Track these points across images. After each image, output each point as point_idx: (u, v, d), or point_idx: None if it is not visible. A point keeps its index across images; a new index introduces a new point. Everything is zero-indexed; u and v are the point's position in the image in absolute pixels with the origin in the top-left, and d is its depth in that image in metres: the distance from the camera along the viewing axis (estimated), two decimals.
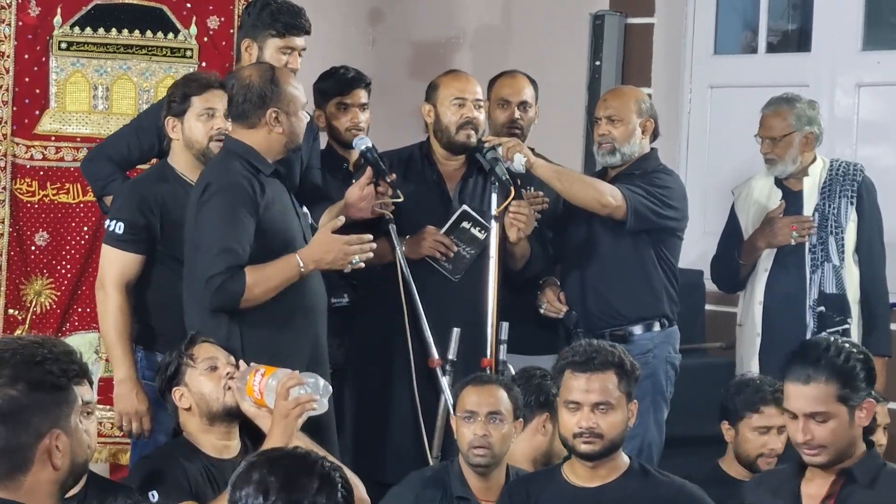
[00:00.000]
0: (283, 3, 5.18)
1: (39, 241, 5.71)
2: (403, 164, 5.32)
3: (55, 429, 2.61)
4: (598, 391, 3.93)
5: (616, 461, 3.99)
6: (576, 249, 5.45)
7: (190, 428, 4.35)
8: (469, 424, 4.36)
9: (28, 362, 2.61)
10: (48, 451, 2.60)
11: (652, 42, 7.15)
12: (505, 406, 4.39)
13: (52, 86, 5.70)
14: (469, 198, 5.25)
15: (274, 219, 4.54)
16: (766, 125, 5.64)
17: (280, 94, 4.57)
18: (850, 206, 5.60)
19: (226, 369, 4.32)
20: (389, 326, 5.04)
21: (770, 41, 7.05)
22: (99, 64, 5.77)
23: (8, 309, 5.68)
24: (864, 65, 6.66)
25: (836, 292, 5.53)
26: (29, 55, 5.66)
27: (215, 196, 4.47)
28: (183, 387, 4.32)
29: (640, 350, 5.35)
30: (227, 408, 4.31)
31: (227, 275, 4.40)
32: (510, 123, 5.66)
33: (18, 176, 5.66)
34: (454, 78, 5.36)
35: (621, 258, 5.40)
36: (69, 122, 5.72)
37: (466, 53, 7.42)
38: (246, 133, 4.57)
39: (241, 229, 4.44)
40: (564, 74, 7.09)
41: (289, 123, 4.58)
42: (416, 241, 5.14)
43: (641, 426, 5.31)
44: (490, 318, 4.99)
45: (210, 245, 4.43)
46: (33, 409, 2.59)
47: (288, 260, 4.48)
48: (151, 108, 5.24)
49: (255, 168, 4.53)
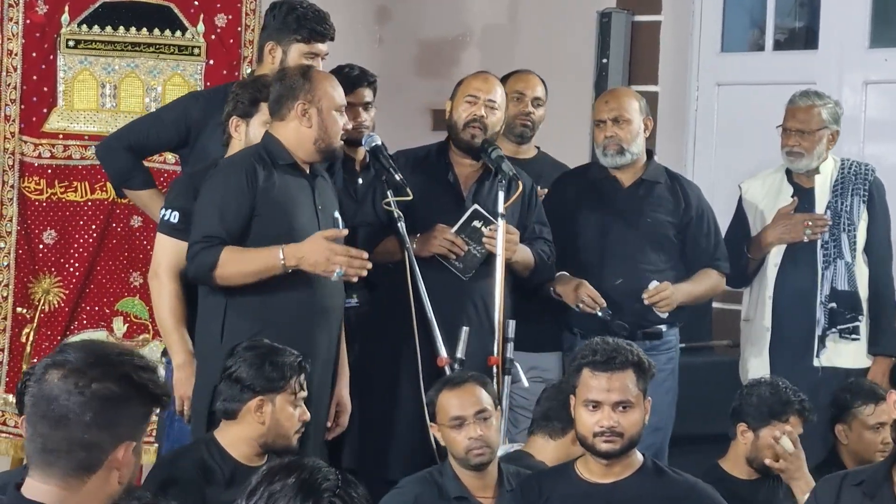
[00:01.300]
0: (310, 8, 5.18)
1: (47, 239, 5.71)
2: (419, 163, 5.31)
3: (132, 441, 2.60)
4: (618, 390, 3.94)
5: (630, 458, 4.00)
6: (610, 252, 5.45)
7: (239, 434, 4.30)
8: (460, 430, 4.36)
9: (136, 366, 2.60)
10: (118, 463, 2.58)
11: (659, 40, 7.15)
12: (487, 401, 4.41)
13: (60, 84, 5.70)
14: (483, 200, 5.22)
15: (275, 207, 4.53)
16: (798, 118, 5.61)
17: (312, 88, 4.60)
18: (862, 205, 5.61)
19: (305, 414, 4.33)
20: (398, 325, 5.03)
21: (777, 39, 7.05)
22: (107, 62, 5.77)
23: (16, 307, 5.68)
24: (872, 62, 6.66)
25: (849, 289, 5.54)
26: (37, 53, 5.67)
27: (216, 174, 4.57)
28: (268, 403, 4.29)
29: (668, 347, 5.48)
30: (288, 449, 4.30)
31: (204, 244, 4.45)
32: (523, 116, 5.70)
33: (26, 174, 5.66)
34: (475, 77, 5.36)
35: (660, 264, 5.46)
36: (77, 121, 5.72)
37: (473, 51, 7.42)
38: (278, 127, 4.63)
39: (228, 203, 4.49)
40: (571, 72, 7.10)
41: (319, 120, 4.60)
42: (426, 239, 5.13)
43: (665, 419, 5.36)
44: (497, 316, 4.99)
45: (198, 217, 4.52)
46: (125, 411, 2.58)
47: (271, 250, 4.48)
48: (175, 104, 5.29)
49: (271, 157, 4.57)
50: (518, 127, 5.71)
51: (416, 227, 5.11)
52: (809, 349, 5.55)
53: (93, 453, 2.55)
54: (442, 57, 7.27)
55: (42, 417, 2.55)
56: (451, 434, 4.38)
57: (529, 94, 5.76)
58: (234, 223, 4.50)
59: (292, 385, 4.28)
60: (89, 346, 2.63)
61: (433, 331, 4.89)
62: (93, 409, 2.53)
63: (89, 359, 2.56)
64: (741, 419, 4.78)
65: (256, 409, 4.25)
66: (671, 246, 5.50)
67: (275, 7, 5.22)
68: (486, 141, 5.22)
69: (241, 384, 4.27)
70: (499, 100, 5.29)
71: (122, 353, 2.61)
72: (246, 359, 4.29)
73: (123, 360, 2.59)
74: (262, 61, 5.19)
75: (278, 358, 4.29)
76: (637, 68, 7.17)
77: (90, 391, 2.53)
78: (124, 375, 2.57)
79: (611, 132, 5.43)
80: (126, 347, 2.67)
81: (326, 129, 4.61)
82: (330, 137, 4.63)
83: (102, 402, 2.54)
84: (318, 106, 4.60)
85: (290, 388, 4.27)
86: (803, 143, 5.59)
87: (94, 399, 2.53)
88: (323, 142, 4.63)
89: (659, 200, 5.52)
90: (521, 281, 5.31)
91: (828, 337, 5.54)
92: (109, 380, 2.55)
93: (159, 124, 5.16)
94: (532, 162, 5.76)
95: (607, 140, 5.45)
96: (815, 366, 5.51)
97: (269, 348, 4.33)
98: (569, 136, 6.77)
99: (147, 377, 2.60)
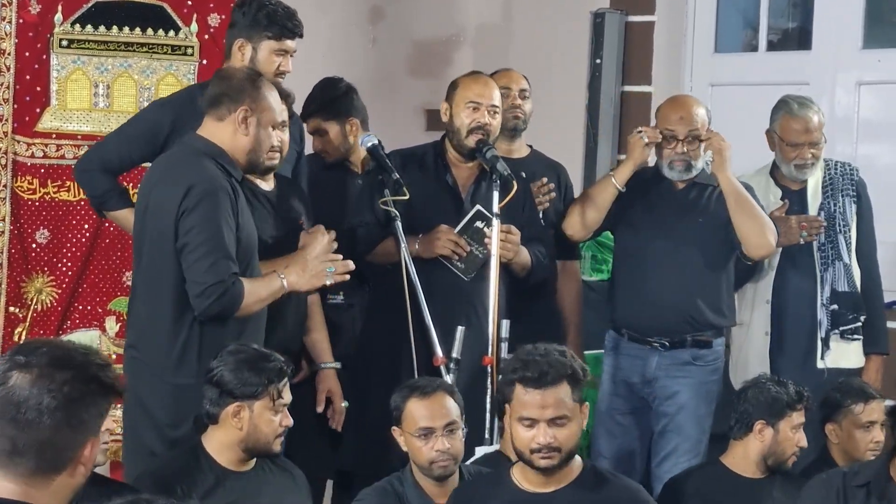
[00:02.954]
0: (279, 5, 5.15)
1: (40, 238, 5.70)
2: (415, 164, 5.29)
3: (96, 437, 2.63)
4: (553, 406, 3.77)
5: (570, 467, 3.87)
6: (656, 255, 5.42)
7: (220, 439, 4.31)
8: (426, 441, 4.33)
9: (100, 365, 2.63)
10: (85, 459, 2.61)
11: (652, 40, 7.15)
12: (456, 413, 4.37)
13: (53, 83, 5.69)
14: (482, 201, 5.21)
15: (244, 227, 4.48)
16: (810, 128, 5.56)
17: (258, 98, 4.51)
18: (853, 205, 5.61)
19: (287, 420, 4.31)
20: (394, 324, 5.04)
21: (771, 39, 7.05)
22: (100, 61, 5.76)
23: (9, 307, 5.67)
24: (865, 63, 6.66)
25: (849, 290, 5.54)
26: (30, 53, 5.65)
27: (204, 201, 4.37)
28: (246, 409, 4.28)
29: (715, 356, 5.47)
30: (269, 454, 4.33)
31: (230, 282, 4.34)
32: (512, 109, 5.69)
33: (19, 174, 5.65)
34: (474, 80, 5.32)
35: (708, 266, 5.43)
36: (70, 120, 5.71)
37: (467, 52, 7.42)
38: (214, 126, 4.50)
39: (231, 235, 4.39)
40: (565, 72, 7.10)
41: (256, 131, 4.50)
42: (429, 240, 5.13)
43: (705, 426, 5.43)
44: (491, 316, 4.98)
45: (207, 251, 4.34)
46: (92, 410, 2.60)
47: (272, 279, 4.48)
48: (141, 117, 5.16)
49: (228, 172, 4.47)
50: (510, 120, 5.69)
51: (415, 228, 5.11)
52: (812, 352, 5.55)
53: (63, 453, 2.58)
54: (436, 57, 7.26)
55: (10, 420, 2.56)
56: (416, 443, 4.35)
57: (515, 87, 5.74)
58: (232, 251, 4.41)
59: (271, 392, 4.25)
60: (52, 349, 2.64)
61: (429, 330, 4.89)
62: (65, 410, 2.56)
63: (57, 362, 2.59)
64: (758, 417, 4.75)
65: (234, 414, 4.24)
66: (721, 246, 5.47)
67: (244, 4, 5.16)
68: (480, 141, 5.21)
69: (220, 388, 4.26)
70: (499, 103, 5.30)
71: (86, 354, 2.64)
72: (228, 363, 4.27)
73: (89, 361, 2.62)
74: (230, 58, 5.12)
75: (260, 363, 4.27)
76: (630, 68, 7.17)
77: (62, 394, 2.56)
78: (93, 377, 2.61)
79: (683, 150, 5.39)
80: (84, 346, 2.68)
81: (261, 142, 4.52)
82: (262, 152, 4.54)
83: (73, 404, 2.57)
84: (260, 117, 4.51)
85: (268, 394, 4.25)
86: (816, 153, 5.58)
87: (67, 401, 2.56)
88: (255, 153, 4.53)
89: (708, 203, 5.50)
90: (517, 282, 5.31)
91: (831, 339, 5.54)
92: (79, 381, 2.58)
93: (129, 141, 5.02)
94: (525, 161, 5.75)
95: (679, 156, 5.41)
96: (820, 368, 5.51)
97: (252, 354, 4.30)
98: (562, 136, 6.77)
99: (112, 376, 2.65)
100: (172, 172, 4.48)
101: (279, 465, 4.48)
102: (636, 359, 5.45)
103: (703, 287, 5.41)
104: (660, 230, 5.42)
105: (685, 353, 5.40)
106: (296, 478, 4.52)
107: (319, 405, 5.09)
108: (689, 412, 5.40)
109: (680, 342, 5.39)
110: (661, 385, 5.41)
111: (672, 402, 5.41)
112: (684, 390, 5.40)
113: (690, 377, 5.40)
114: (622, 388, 5.45)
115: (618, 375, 5.47)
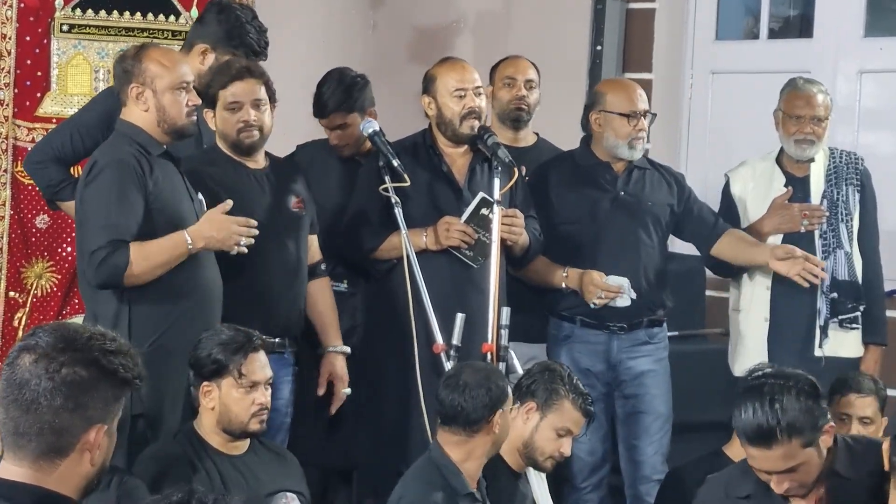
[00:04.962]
0: (254, 23, 5.13)
1: (40, 223, 5.70)
2: (409, 154, 5.25)
3: (104, 424, 2.61)
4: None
5: None
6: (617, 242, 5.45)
7: (204, 422, 4.35)
8: None
9: (105, 350, 2.61)
10: (90, 445, 2.59)
11: (653, 27, 7.14)
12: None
13: (54, 68, 5.69)
14: (480, 187, 5.20)
15: (163, 200, 4.49)
16: (812, 104, 5.57)
17: (142, 69, 4.54)
18: (856, 194, 5.60)
19: (263, 397, 4.31)
20: (395, 312, 5.04)
21: (772, 27, 7.04)
22: (100, 46, 5.76)
23: (9, 292, 5.67)
24: (867, 51, 6.66)
25: (849, 279, 5.53)
26: (30, 37, 5.65)
27: (101, 173, 4.45)
28: (215, 388, 4.31)
29: (664, 333, 5.54)
30: (246, 433, 4.34)
31: (110, 248, 4.37)
32: (517, 100, 5.67)
33: (20, 158, 5.64)
34: (451, 68, 5.29)
35: (660, 250, 5.52)
36: (70, 105, 5.69)
37: (467, 38, 7.40)
38: (126, 109, 4.58)
39: (126, 205, 4.41)
40: (565, 59, 7.08)
41: (155, 101, 4.53)
42: (438, 233, 5.11)
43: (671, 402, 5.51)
44: (492, 303, 4.97)
45: (94, 221, 4.43)
46: (95, 395, 2.59)
47: (175, 237, 4.45)
48: (94, 104, 5.13)
49: (144, 148, 4.51)
50: (513, 112, 5.68)
51: (416, 219, 5.09)
52: (810, 340, 5.53)
53: (63, 437, 2.57)
54: (436, 43, 7.25)
55: (13, 402, 2.57)
56: None
57: (520, 77, 5.72)
58: (133, 222, 4.43)
59: (232, 369, 4.28)
60: (60, 330, 2.64)
61: (429, 318, 4.88)
62: (62, 393, 2.55)
63: (59, 343, 2.58)
64: None
65: (205, 394, 4.30)
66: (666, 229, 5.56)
67: (222, 10, 5.13)
68: (482, 128, 5.21)
69: (193, 370, 4.33)
70: (480, 82, 5.29)
71: (91, 337, 2.62)
72: (198, 345, 4.33)
73: (92, 345, 2.61)
74: (188, 53, 5.08)
75: (224, 342, 4.30)
76: (631, 56, 7.17)
77: (59, 376, 2.55)
78: (93, 360, 2.59)
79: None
80: (98, 330, 2.66)
81: (165, 109, 4.54)
82: (171, 118, 4.56)
83: (71, 387, 2.56)
84: (153, 87, 4.53)
85: (231, 372, 4.27)
86: (818, 130, 5.57)
87: (63, 384, 2.56)
88: (166, 123, 4.56)
89: (654, 185, 5.56)
90: (514, 262, 5.30)
91: (829, 327, 5.53)
92: (78, 364, 2.57)
93: (82, 129, 4.99)
94: (532, 149, 5.75)
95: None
96: (818, 356, 5.50)
97: (220, 333, 4.35)
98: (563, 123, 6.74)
99: (118, 361, 2.62)
100: (92, 155, 4.61)
101: (271, 449, 4.50)
102: (596, 345, 5.45)
103: (655, 267, 5.48)
104: (610, 215, 5.46)
105: (641, 332, 5.46)
106: (288, 462, 4.53)
107: (320, 388, 5.09)
108: (656, 390, 5.47)
109: (637, 323, 5.43)
110: (626, 367, 5.45)
111: (638, 382, 5.45)
112: (648, 369, 5.46)
113: (650, 356, 5.47)
114: (584, 377, 5.21)
115: (578, 365, 5.35)
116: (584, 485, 5.47)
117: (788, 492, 3.59)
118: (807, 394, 3.58)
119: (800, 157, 5.60)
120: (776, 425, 3.49)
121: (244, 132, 4.86)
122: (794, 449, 3.54)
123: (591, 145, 5.57)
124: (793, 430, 3.51)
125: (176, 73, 4.56)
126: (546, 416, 4.46)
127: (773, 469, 3.56)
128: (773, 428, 3.49)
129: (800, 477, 3.56)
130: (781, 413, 3.50)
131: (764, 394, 3.54)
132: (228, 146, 4.90)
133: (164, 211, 4.49)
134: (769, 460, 3.55)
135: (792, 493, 3.61)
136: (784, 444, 3.53)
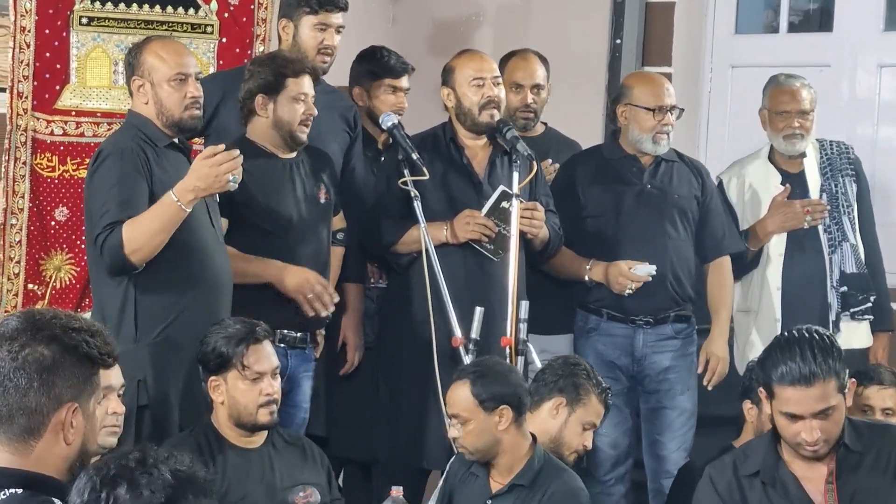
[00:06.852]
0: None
1: (59, 216, 5.71)
2: (429, 147, 5.25)
3: (74, 402, 2.63)
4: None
5: None
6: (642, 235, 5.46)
7: (219, 416, 4.37)
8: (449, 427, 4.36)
9: (66, 327, 2.64)
10: (62, 425, 2.61)
11: (673, 21, 7.13)
12: (462, 407, 4.26)
13: (73, 61, 5.69)
14: (500, 180, 5.20)
15: (168, 188, 4.46)
16: (798, 98, 5.59)
17: (141, 62, 4.58)
18: (853, 185, 5.61)
19: (270, 388, 4.31)
20: (414, 305, 5.05)
21: (792, 21, 7.02)
22: (119, 39, 5.76)
23: (28, 284, 5.68)
24: (886, 45, 6.64)
25: (857, 271, 5.55)
26: (49, 30, 5.65)
27: (104, 162, 4.49)
28: (222, 382, 4.32)
29: (692, 328, 5.54)
30: (257, 425, 4.33)
31: (106, 232, 4.38)
32: (524, 108, 5.69)
33: (39, 151, 5.65)
34: (469, 58, 5.32)
35: (688, 243, 5.52)
36: (89, 98, 5.71)
37: (487, 31, 7.40)
38: (133, 103, 4.63)
39: (126, 190, 4.43)
40: (585, 53, 7.08)
41: (154, 94, 4.56)
42: (458, 227, 5.11)
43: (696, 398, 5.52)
44: (511, 297, 4.96)
45: (97, 209, 4.46)
46: (60, 373, 2.61)
47: (163, 199, 4.43)
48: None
49: (150, 139, 4.53)
50: (519, 120, 5.70)
51: (435, 212, 5.10)
52: None
53: (34, 417, 2.60)
54: (455, 37, 7.24)
55: None
56: None
57: (528, 82, 5.73)
58: (135, 204, 4.43)
59: (236, 362, 4.29)
60: (25, 314, 2.68)
61: (448, 311, 4.88)
62: (26, 373, 2.59)
63: (21, 325, 2.62)
64: (747, 396, 4.80)
65: (214, 388, 4.32)
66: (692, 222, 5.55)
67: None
68: (501, 121, 5.22)
69: (202, 365, 4.36)
70: (497, 72, 5.32)
71: (55, 316, 2.66)
72: (205, 340, 4.36)
73: (53, 323, 2.63)
74: (281, 43, 5.19)
75: (230, 335, 4.32)
76: (651, 49, 7.15)
77: (21, 356, 2.59)
78: (53, 337, 2.62)
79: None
80: (66, 312, 2.71)
81: (161, 102, 4.57)
82: (168, 111, 4.58)
83: (34, 366, 2.59)
84: (151, 80, 4.57)
85: (235, 364, 4.28)
86: (805, 123, 5.57)
87: (25, 363, 2.59)
88: (164, 116, 4.58)
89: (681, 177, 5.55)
90: (534, 256, 5.29)
91: (841, 320, 5.52)
92: (40, 343, 2.61)
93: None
94: (540, 139, 5.76)
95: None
96: None
97: (226, 325, 4.36)
98: (582, 117, 6.76)
99: (80, 337, 2.64)
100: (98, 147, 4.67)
101: (292, 442, 4.50)
102: (621, 338, 5.45)
103: (683, 260, 5.47)
104: (634, 208, 5.46)
105: (668, 327, 5.46)
106: (308, 453, 4.52)
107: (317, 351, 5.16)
108: (681, 385, 5.46)
109: (664, 318, 5.40)
110: (651, 362, 5.45)
111: (662, 377, 5.45)
112: (674, 365, 5.46)
113: (676, 351, 5.47)
114: (609, 370, 5.35)
115: (603, 357, 5.42)
116: (607, 478, 5.47)
117: (816, 443, 3.64)
118: (837, 346, 3.70)
119: (790, 152, 5.61)
120: (817, 364, 3.60)
121: (304, 124, 4.90)
122: (830, 389, 3.61)
123: (618, 139, 5.57)
124: (831, 370, 3.61)
125: (173, 66, 4.58)
126: (575, 410, 4.49)
127: (811, 410, 3.61)
128: (816, 365, 3.60)
129: (829, 427, 3.63)
130: (821, 355, 3.61)
131: (803, 341, 3.65)
132: (282, 135, 4.90)
133: None
134: (808, 400, 3.61)
135: (818, 448, 3.66)
136: (823, 382, 3.60)
